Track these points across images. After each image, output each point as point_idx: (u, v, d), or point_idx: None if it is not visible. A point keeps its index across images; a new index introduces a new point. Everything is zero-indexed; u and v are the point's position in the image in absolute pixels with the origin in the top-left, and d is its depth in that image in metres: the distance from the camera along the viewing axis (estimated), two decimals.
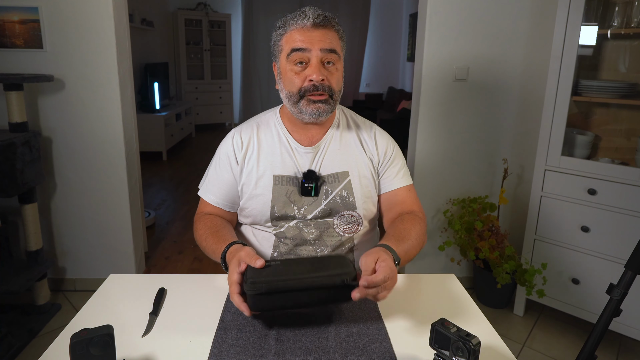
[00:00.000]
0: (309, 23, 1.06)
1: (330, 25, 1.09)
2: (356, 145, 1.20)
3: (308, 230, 1.15)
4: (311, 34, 1.06)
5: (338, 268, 0.88)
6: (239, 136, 1.19)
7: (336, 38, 1.10)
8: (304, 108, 1.09)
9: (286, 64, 1.09)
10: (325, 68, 1.08)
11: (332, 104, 1.11)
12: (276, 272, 0.87)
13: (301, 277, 0.85)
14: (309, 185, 1.13)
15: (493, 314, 2.33)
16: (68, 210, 2.37)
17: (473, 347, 0.69)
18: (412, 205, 1.22)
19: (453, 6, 2.26)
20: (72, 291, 2.45)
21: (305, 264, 0.91)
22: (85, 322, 0.93)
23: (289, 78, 1.09)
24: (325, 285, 0.86)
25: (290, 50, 1.07)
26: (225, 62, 7.28)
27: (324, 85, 1.07)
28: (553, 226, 2.10)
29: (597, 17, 1.99)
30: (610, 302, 1.20)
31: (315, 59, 1.06)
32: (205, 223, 1.17)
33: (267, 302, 0.86)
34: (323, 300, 0.88)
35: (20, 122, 2.07)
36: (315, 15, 1.06)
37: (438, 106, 2.38)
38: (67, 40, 2.18)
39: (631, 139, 2.07)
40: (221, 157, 1.20)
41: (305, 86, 1.07)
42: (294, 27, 1.08)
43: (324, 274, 0.86)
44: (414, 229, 1.11)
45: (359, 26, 7.60)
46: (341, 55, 1.12)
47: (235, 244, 1.02)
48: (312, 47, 1.06)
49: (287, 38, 1.09)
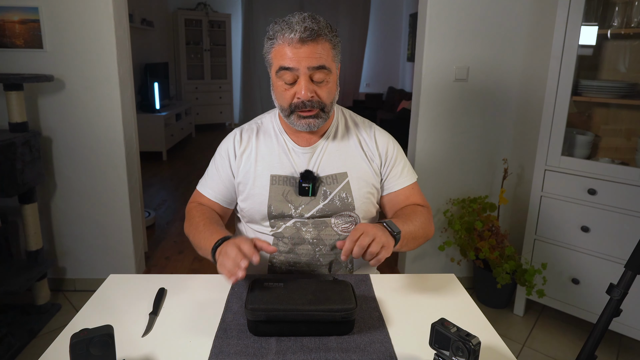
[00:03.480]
0: (296, 38, 1.01)
1: (320, 38, 1.04)
2: (355, 146, 1.20)
3: (306, 230, 1.16)
4: (298, 51, 1.02)
5: (339, 302, 0.87)
6: (240, 135, 1.21)
7: (327, 49, 1.06)
8: (295, 122, 1.10)
9: (276, 78, 1.09)
10: (314, 83, 1.07)
11: (323, 116, 1.10)
12: (277, 299, 0.87)
13: (302, 308, 0.85)
14: (306, 185, 1.13)
15: (493, 314, 2.33)
16: (68, 210, 2.37)
17: (473, 347, 0.69)
18: (416, 201, 1.24)
19: (453, 6, 2.26)
20: (72, 291, 2.45)
21: (307, 290, 0.90)
22: (85, 322, 0.93)
23: (279, 92, 1.09)
24: (325, 320, 0.86)
25: (279, 68, 1.06)
26: (225, 62, 7.28)
27: (313, 102, 1.07)
28: (553, 226, 2.10)
29: (597, 17, 1.99)
30: (610, 302, 1.20)
31: (303, 76, 1.05)
32: (203, 212, 1.18)
33: (266, 328, 0.87)
34: (322, 332, 0.88)
35: (20, 122, 2.07)
36: (303, 29, 1.01)
37: (438, 106, 2.38)
38: (67, 40, 2.18)
39: (631, 139, 2.07)
40: (222, 154, 1.22)
41: (295, 102, 1.07)
42: (282, 41, 1.04)
43: (325, 307, 0.86)
44: (417, 215, 1.14)
45: (359, 26, 7.60)
46: (333, 67, 1.08)
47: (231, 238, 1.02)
48: (299, 66, 1.03)
49: (275, 53, 1.07)
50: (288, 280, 0.95)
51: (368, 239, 0.92)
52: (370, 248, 0.92)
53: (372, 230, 0.94)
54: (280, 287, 0.91)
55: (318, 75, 1.06)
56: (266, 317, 0.85)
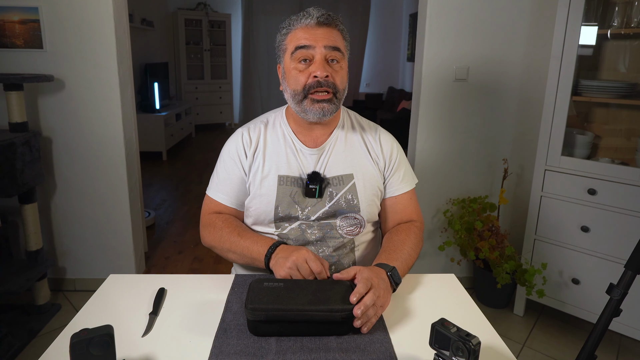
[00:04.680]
0: (313, 21, 1.08)
1: (334, 24, 1.10)
2: (361, 148, 1.20)
3: (311, 232, 1.15)
4: (315, 31, 1.08)
5: (339, 302, 0.87)
6: (248, 134, 1.19)
7: (340, 37, 1.12)
8: (307, 107, 1.09)
9: (290, 62, 1.10)
10: (330, 65, 1.09)
11: (336, 102, 1.11)
12: (277, 299, 0.87)
13: (301, 308, 0.85)
14: (313, 187, 1.13)
15: (493, 314, 2.33)
16: (68, 210, 2.37)
17: (473, 347, 0.69)
18: (412, 214, 1.24)
19: (453, 6, 2.26)
20: (72, 291, 2.45)
21: (307, 291, 0.90)
22: (85, 322, 0.93)
23: (294, 76, 1.10)
24: (325, 320, 0.86)
25: (295, 48, 1.08)
26: (225, 62, 7.28)
27: (328, 82, 1.08)
28: (553, 226, 2.10)
29: (597, 17, 1.99)
30: (610, 302, 1.20)
31: (319, 55, 1.07)
32: (230, 222, 1.16)
33: (266, 328, 0.87)
34: (322, 332, 0.88)
35: (20, 122, 2.07)
36: (320, 14, 1.08)
37: (438, 106, 2.38)
38: (67, 40, 2.18)
39: (631, 139, 2.07)
40: (231, 155, 1.19)
41: (310, 82, 1.08)
42: (298, 26, 1.10)
43: (324, 308, 0.85)
44: (408, 240, 1.14)
45: (359, 26, 7.60)
46: (345, 55, 1.13)
47: (282, 244, 1.07)
48: (316, 44, 1.07)
49: (291, 37, 1.11)
50: (288, 280, 0.95)
51: (370, 300, 0.88)
52: (368, 311, 0.88)
53: (378, 288, 0.91)
54: (280, 287, 0.90)
55: (333, 54, 1.09)
56: (266, 317, 0.85)
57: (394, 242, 1.12)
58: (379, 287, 0.92)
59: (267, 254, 1.05)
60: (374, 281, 0.92)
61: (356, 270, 0.95)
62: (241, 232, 1.13)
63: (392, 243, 1.12)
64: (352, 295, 0.88)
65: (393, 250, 1.09)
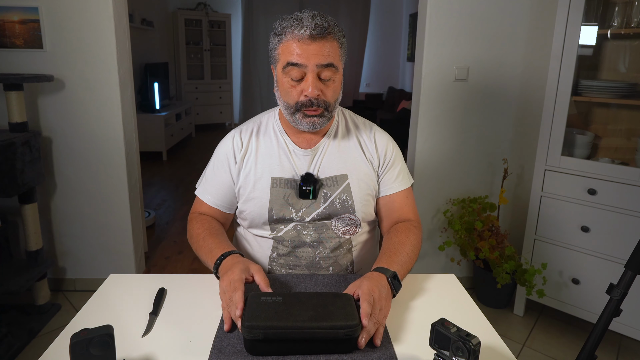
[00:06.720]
0: (306, 34, 1.01)
1: (329, 35, 1.04)
2: (355, 148, 1.19)
3: (306, 233, 1.15)
4: (308, 47, 1.02)
5: (342, 318, 0.81)
6: (239, 137, 1.18)
7: (335, 48, 1.06)
8: (299, 120, 1.09)
9: (282, 75, 1.07)
10: (322, 81, 1.06)
11: (327, 115, 1.10)
12: (276, 315, 0.81)
13: (302, 326, 0.79)
14: (307, 188, 1.12)
15: (493, 314, 2.33)
16: (68, 210, 2.37)
17: (473, 347, 0.69)
18: (409, 214, 1.22)
19: (453, 6, 2.26)
20: (72, 291, 2.45)
21: (307, 306, 0.84)
22: (85, 322, 0.92)
23: (285, 89, 1.08)
24: (327, 338, 0.80)
25: (286, 64, 1.04)
26: (225, 62, 7.28)
27: (319, 100, 1.06)
28: (553, 226, 2.10)
29: (597, 17, 1.99)
30: (610, 302, 1.20)
31: (311, 74, 1.03)
32: (202, 223, 1.16)
33: (264, 347, 0.81)
34: (324, 351, 0.82)
35: (20, 122, 2.07)
36: (313, 26, 1.01)
37: (438, 106, 2.38)
38: (67, 40, 2.18)
39: (631, 139, 2.07)
40: (220, 158, 1.19)
41: (301, 100, 1.06)
42: (291, 37, 1.03)
43: (327, 324, 0.80)
44: (408, 241, 1.12)
45: (359, 26, 7.60)
46: (340, 66, 1.08)
47: (233, 254, 1.02)
48: (308, 63, 1.02)
49: (283, 48, 1.05)
50: (286, 294, 0.89)
51: (381, 315, 0.88)
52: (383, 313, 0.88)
53: (380, 300, 0.90)
54: (279, 302, 0.85)
55: (326, 73, 1.05)
56: (264, 335, 0.79)
57: (394, 244, 1.11)
58: (381, 298, 0.90)
59: (215, 266, 1.02)
60: (375, 293, 0.89)
61: (355, 288, 0.92)
62: (206, 236, 1.11)
63: (392, 245, 1.11)
64: (362, 318, 0.83)
65: (393, 253, 1.07)
